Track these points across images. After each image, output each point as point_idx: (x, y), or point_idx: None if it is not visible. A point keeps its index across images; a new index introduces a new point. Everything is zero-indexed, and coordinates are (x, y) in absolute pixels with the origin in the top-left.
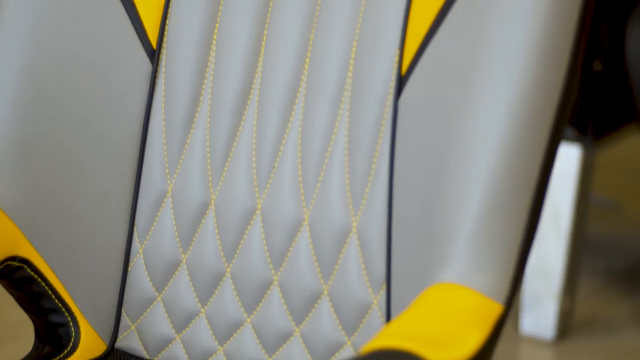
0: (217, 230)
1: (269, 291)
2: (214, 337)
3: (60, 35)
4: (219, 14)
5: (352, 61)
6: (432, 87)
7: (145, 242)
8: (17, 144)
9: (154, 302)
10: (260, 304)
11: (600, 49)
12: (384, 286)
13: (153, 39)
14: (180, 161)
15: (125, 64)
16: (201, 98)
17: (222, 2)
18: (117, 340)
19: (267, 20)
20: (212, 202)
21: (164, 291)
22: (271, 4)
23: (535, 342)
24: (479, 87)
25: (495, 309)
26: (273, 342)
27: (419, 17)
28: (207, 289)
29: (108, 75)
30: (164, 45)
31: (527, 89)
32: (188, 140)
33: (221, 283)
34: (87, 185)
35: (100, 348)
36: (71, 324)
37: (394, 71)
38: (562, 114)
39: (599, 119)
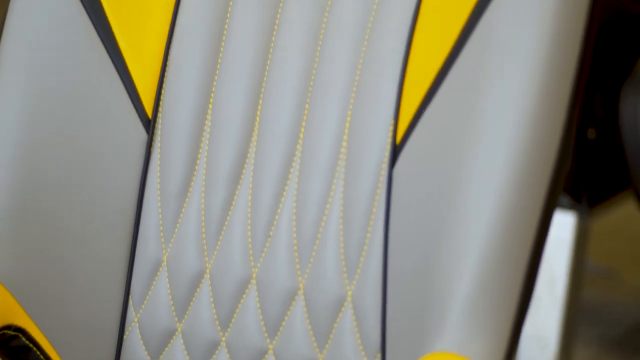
0: (212, 299)
1: None
2: None
3: (56, 103)
4: (214, 83)
5: (346, 130)
6: (427, 155)
7: (141, 310)
8: (12, 212)
9: None
10: None
11: (594, 117)
12: (379, 355)
13: (148, 108)
14: (176, 230)
15: (120, 132)
16: (196, 167)
17: (217, 71)
18: None
19: (262, 90)
20: (207, 271)
21: None
22: (266, 73)
23: None
24: (474, 154)
25: None
26: None
27: (414, 87)
28: (202, 358)
29: (103, 144)
30: (159, 114)
31: (522, 156)
32: (183, 209)
33: (216, 352)
34: (82, 254)
35: None
36: None
37: (389, 140)
38: (556, 180)
39: (593, 187)
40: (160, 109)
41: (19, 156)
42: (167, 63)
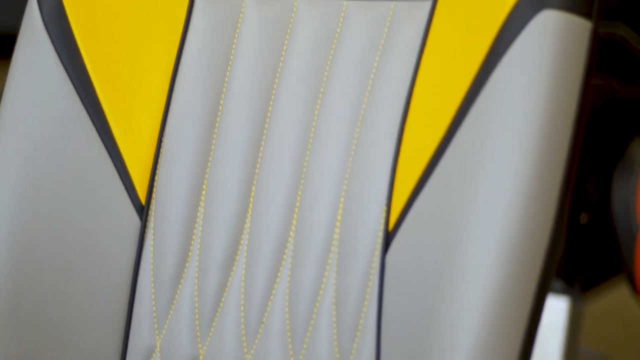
0: None
1: None
2: None
3: (49, 188)
4: (207, 169)
5: (339, 217)
6: (419, 241)
7: None
8: (5, 297)
9: None
10: None
11: (587, 202)
12: None
13: (142, 194)
14: (169, 316)
15: (113, 219)
16: (190, 253)
17: (210, 158)
18: None
19: (255, 176)
20: (201, 357)
21: None
22: (259, 160)
23: None
24: (466, 239)
25: None
26: None
27: (406, 173)
28: None
29: (97, 230)
30: (153, 201)
31: (515, 240)
32: (176, 296)
33: None
34: (74, 341)
35: None
36: None
37: (381, 227)
38: (549, 264)
39: (586, 271)
40: (153, 195)
41: (12, 238)
42: (161, 149)
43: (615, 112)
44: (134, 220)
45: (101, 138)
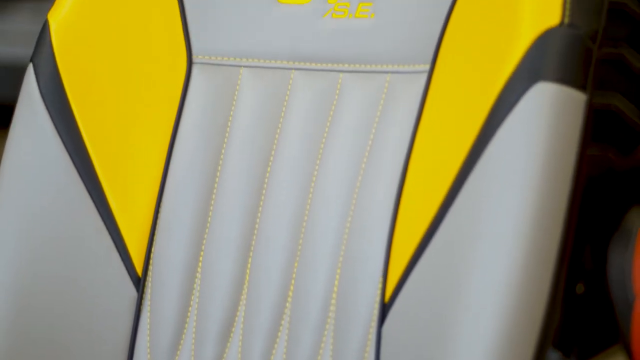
0: None
1: None
2: None
3: (47, 258)
4: (204, 241)
5: (335, 288)
6: (416, 312)
7: None
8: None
9: None
10: None
11: (583, 271)
12: None
13: (138, 266)
14: None
15: (110, 290)
16: (186, 325)
17: (206, 230)
18: None
19: (252, 248)
20: None
21: None
22: (255, 231)
23: None
24: (464, 309)
25: None
26: None
27: (402, 244)
28: None
29: (93, 301)
30: (149, 273)
31: (511, 311)
32: None
33: None
34: None
35: None
36: None
37: (377, 299)
38: (545, 334)
39: (582, 341)
40: (150, 267)
41: (9, 307)
42: (157, 221)
43: (611, 182)
44: (131, 291)
45: (98, 210)
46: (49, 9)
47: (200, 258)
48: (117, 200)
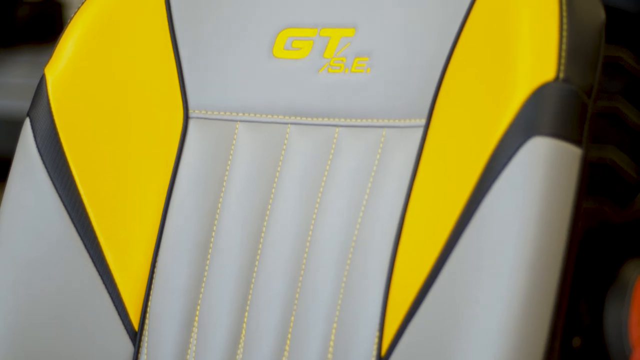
0: None
1: None
2: None
3: (42, 311)
4: (200, 295)
5: (332, 343)
6: None
7: None
8: None
9: None
10: None
11: (580, 325)
12: None
13: (135, 319)
14: None
15: (106, 344)
16: None
17: (203, 282)
18: None
19: (249, 298)
20: None
21: None
22: (253, 280)
23: None
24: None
25: None
26: None
27: (398, 299)
28: None
29: (89, 355)
30: (146, 326)
31: None
32: None
33: None
34: None
35: None
36: None
37: (374, 353)
38: None
39: None
40: (146, 321)
41: (2, 357)
42: (154, 275)
43: (607, 235)
44: (127, 345)
45: (94, 264)
46: (46, 62)
47: (197, 312)
48: (113, 254)
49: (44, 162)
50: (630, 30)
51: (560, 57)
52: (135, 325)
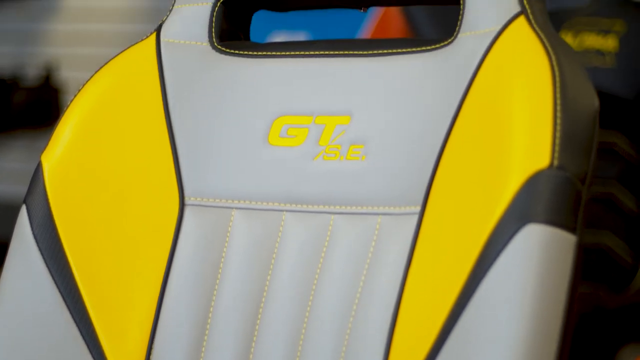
0: None
1: None
2: None
3: None
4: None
5: None
6: None
7: None
8: None
9: None
10: None
11: None
12: None
13: None
14: None
15: None
16: None
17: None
18: None
19: None
20: None
21: None
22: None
23: None
24: None
25: None
26: None
27: None
28: None
29: None
30: None
31: None
32: None
33: None
34: None
35: None
36: None
37: None
38: None
39: None
40: None
41: None
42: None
43: (602, 320)
44: None
45: (90, 351)
46: (42, 147)
47: None
48: (109, 341)
49: (40, 250)
50: (624, 115)
51: (554, 144)
52: None
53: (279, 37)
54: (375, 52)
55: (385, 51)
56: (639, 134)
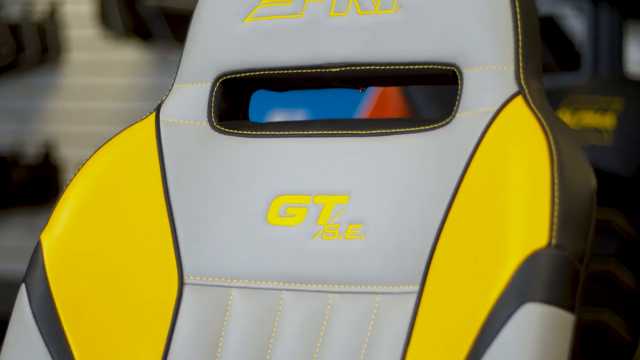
0: None
1: None
2: None
3: None
4: None
5: None
6: None
7: None
8: None
9: None
10: None
11: None
12: None
13: None
14: None
15: None
16: None
17: None
18: None
19: None
20: None
21: None
22: None
23: None
24: None
25: None
26: None
27: None
28: None
29: None
30: None
31: None
32: None
33: None
34: None
35: None
36: None
37: None
38: None
39: None
40: None
41: None
42: None
43: None
44: None
45: None
46: (41, 225)
47: None
48: None
49: (39, 328)
50: (622, 193)
51: (552, 223)
52: None
53: (278, 115)
54: (374, 131)
55: (384, 131)
56: (637, 212)
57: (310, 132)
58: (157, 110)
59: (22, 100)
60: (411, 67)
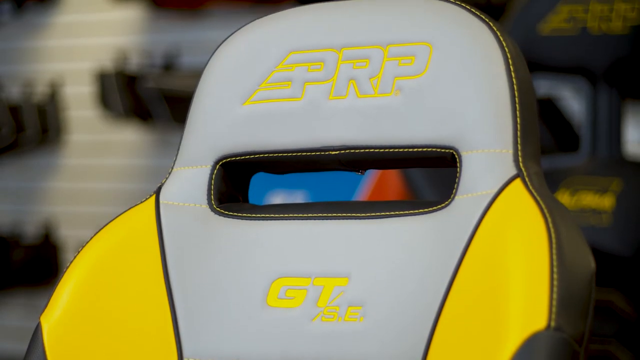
0: None
1: None
2: None
3: None
4: None
5: None
6: None
7: None
8: None
9: None
10: None
11: None
12: None
13: None
14: None
15: None
16: None
17: None
18: None
19: None
20: None
21: None
22: None
23: None
24: None
25: None
26: None
27: None
28: None
29: None
30: None
31: None
32: None
33: None
34: None
35: None
36: None
37: None
38: None
39: None
40: None
41: None
42: None
43: None
44: None
45: None
46: (41, 305)
47: None
48: None
49: None
50: (621, 273)
51: (551, 305)
52: None
53: (278, 196)
54: (373, 214)
55: (383, 213)
56: (636, 292)
57: (310, 215)
58: (157, 192)
59: (22, 181)
60: (410, 150)
